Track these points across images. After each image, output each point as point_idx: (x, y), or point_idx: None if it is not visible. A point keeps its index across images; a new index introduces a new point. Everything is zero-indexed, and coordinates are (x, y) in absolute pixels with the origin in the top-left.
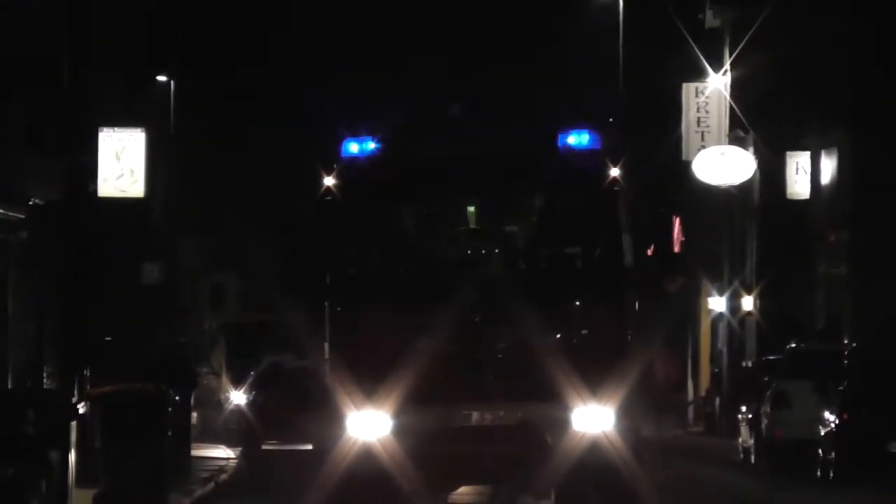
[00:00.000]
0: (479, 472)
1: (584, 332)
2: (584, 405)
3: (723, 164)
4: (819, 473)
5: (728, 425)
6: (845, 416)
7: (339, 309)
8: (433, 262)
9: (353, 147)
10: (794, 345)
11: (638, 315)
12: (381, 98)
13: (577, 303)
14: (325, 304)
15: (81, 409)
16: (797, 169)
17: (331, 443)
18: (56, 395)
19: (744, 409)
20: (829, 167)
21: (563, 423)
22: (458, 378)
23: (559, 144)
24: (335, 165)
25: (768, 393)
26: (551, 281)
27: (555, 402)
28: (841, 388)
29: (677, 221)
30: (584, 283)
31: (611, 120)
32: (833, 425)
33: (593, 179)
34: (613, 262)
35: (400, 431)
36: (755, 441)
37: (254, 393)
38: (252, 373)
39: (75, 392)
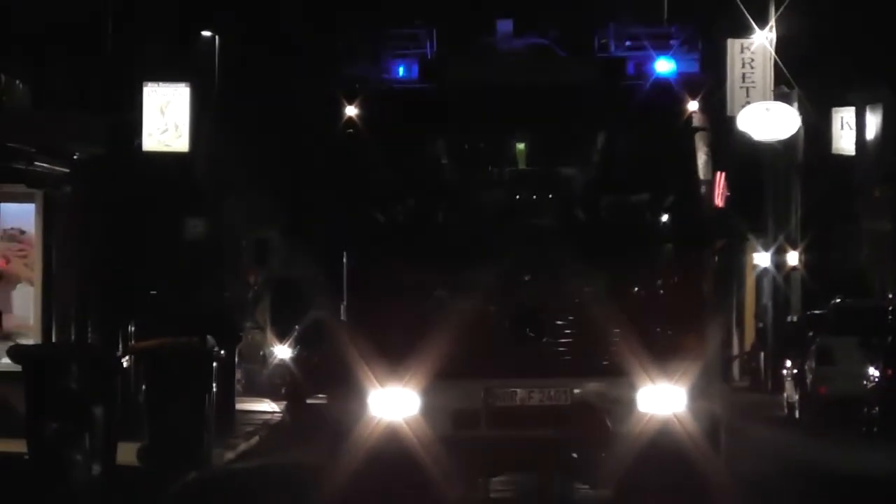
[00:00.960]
0: (523, 462)
1: (653, 295)
2: (652, 382)
3: (768, 120)
4: (864, 429)
5: (773, 381)
6: (889, 371)
7: (359, 262)
8: (474, 208)
9: (380, 71)
10: (838, 300)
11: (713, 276)
12: (418, 15)
13: (645, 259)
14: (344, 256)
15: (125, 363)
16: (842, 124)
17: (350, 423)
18: (100, 349)
19: (788, 364)
20: (874, 122)
21: (626, 404)
22: (501, 348)
23: (628, 71)
24: (359, 92)
25: (813, 348)
26: (615, 233)
27: (617, 379)
28: (886, 343)
29: (722, 177)
30: (654, 235)
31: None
32: (877, 381)
33: (668, 113)
34: (690, 213)
35: (431, 411)
36: (800, 396)
37: (298, 348)
38: (297, 328)
39: (119, 346)
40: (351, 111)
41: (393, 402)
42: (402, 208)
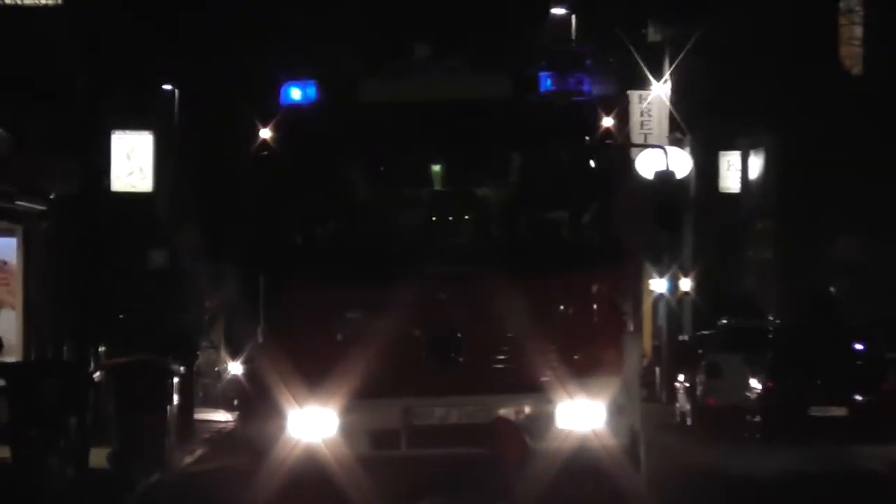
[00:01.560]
0: (443, 480)
1: (570, 311)
2: (571, 399)
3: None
4: (747, 435)
5: (667, 393)
6: (769, 384)
7: (274, 283)
8: (389, 228)
9: (294, 93)
10: (725, 321)
11: (633, 292)
12: (332, 36)
13: (562, 277)
14: (259, 277)
15: (97, 377)
16: (728, 166)
17: (267, 444)
18: (73, 365)
19: (681, 378)
20: (756, 165)
21: (546, 420)
22: (420, 367)
23: (542, 87)
24: (273, 115)
25: (702, 364)
26: (531, 251)
27: (536, 396)
28: (766, 359)
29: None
30: (571, 253)
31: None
32: (759, 392)
33: (583, 130)
34: (607, 229)
35: (348, 431)
36: (691, 407)
37: (249, 364)
38: (248, 346)
39: (91, 363)
40: (265, 133)
41: (310, 423)
42: (316, 228)
